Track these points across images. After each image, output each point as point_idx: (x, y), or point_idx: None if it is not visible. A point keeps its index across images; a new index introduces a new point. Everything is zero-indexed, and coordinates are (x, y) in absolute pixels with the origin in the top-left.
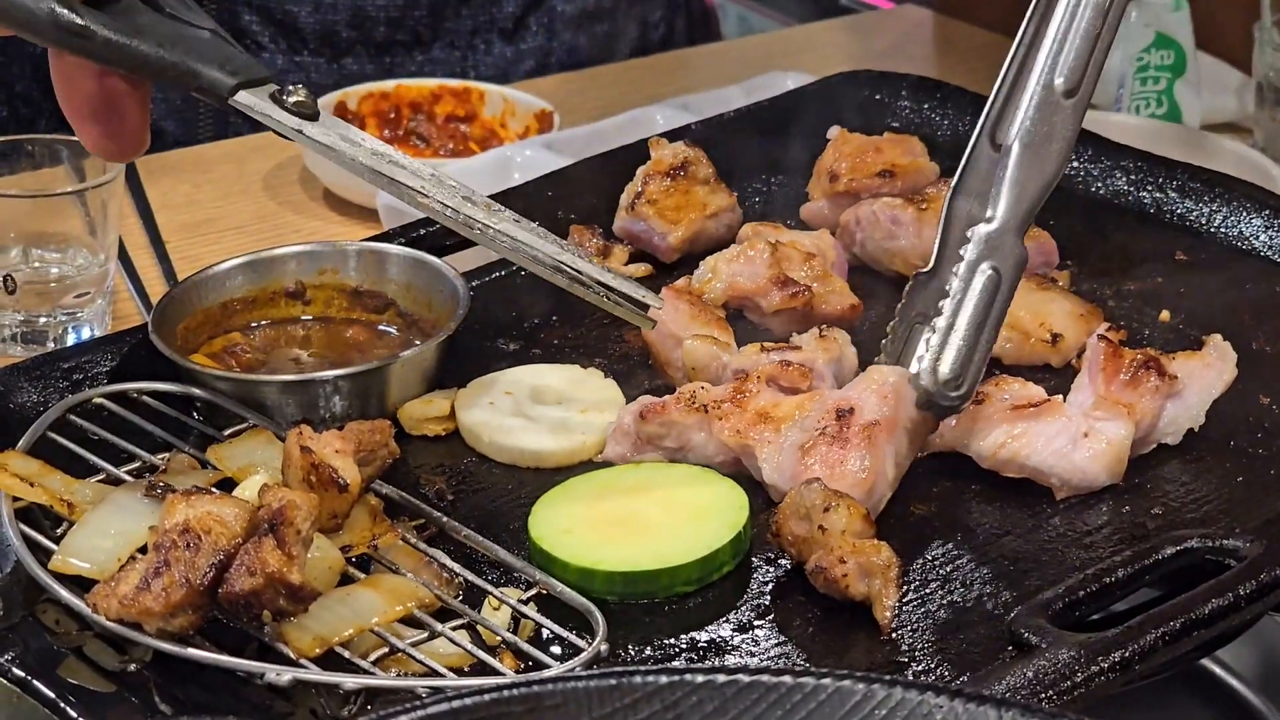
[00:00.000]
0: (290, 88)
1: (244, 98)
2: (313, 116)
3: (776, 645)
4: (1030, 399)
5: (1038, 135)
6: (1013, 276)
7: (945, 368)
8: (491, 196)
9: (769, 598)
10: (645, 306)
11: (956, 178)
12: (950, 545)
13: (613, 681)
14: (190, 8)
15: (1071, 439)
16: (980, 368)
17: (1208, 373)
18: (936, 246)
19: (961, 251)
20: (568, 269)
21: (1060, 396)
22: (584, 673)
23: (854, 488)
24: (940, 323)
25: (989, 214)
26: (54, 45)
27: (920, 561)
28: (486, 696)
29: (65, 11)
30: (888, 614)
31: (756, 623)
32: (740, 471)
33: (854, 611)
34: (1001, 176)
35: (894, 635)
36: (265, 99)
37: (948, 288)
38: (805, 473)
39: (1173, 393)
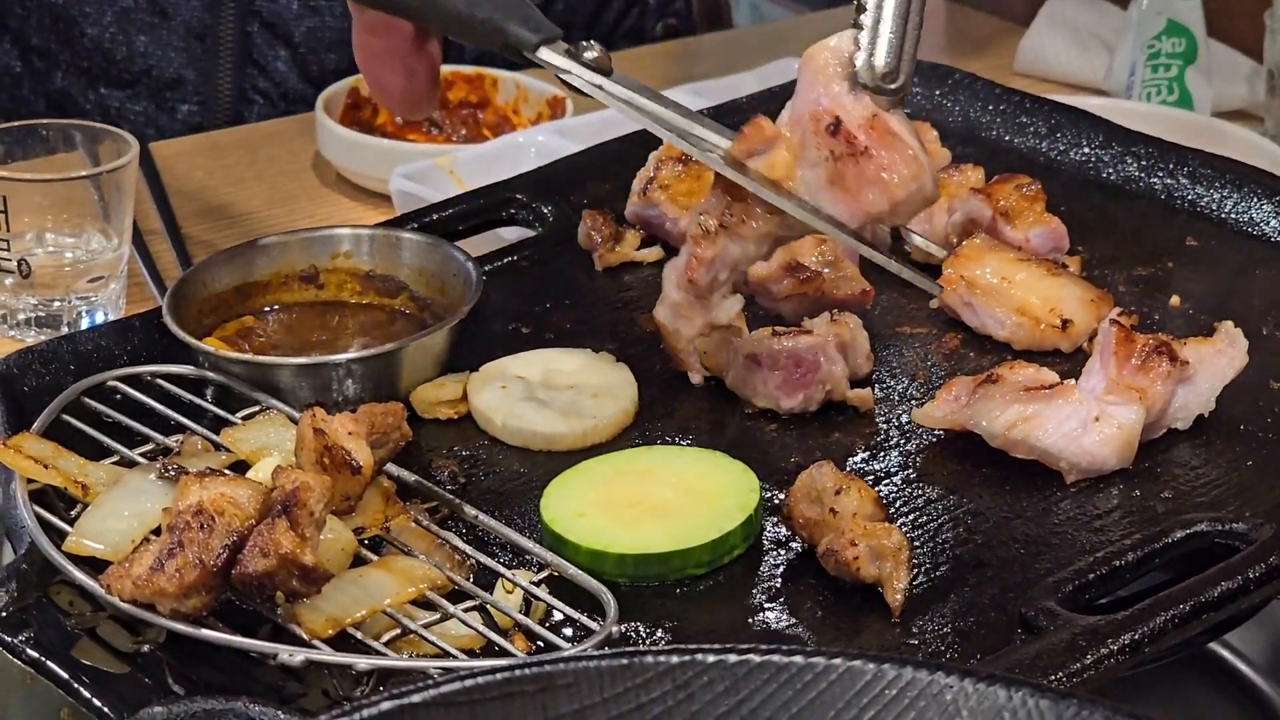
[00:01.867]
0: (585, 43)
1: (545, 54)
2: (607, 72)
3: (787, 627)
4: (1043, 382)
5: None
6: None
7: (879, 60)
8: (504, 182)
9: (780, 580)
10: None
11: None
12: (960, 528)
13: (624, 661)
14: None
15: (1082, 422)
16: (912, 58)
17: (1219, 359)
18: None
19: None
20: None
21: (1072, 380)
22: (595, 652)
23: (915, 179)
24: (867, 19)
25: None
26: (369, 2)
27: (931, 544)
28: (498, 676)
29: None
30: (898, 597)
31: (767, 605)
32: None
33: (865, 594)
34: None
35: (904, 618)
36: (563, 55)
37: None
38: (860, 199)
39: (1184, 378)
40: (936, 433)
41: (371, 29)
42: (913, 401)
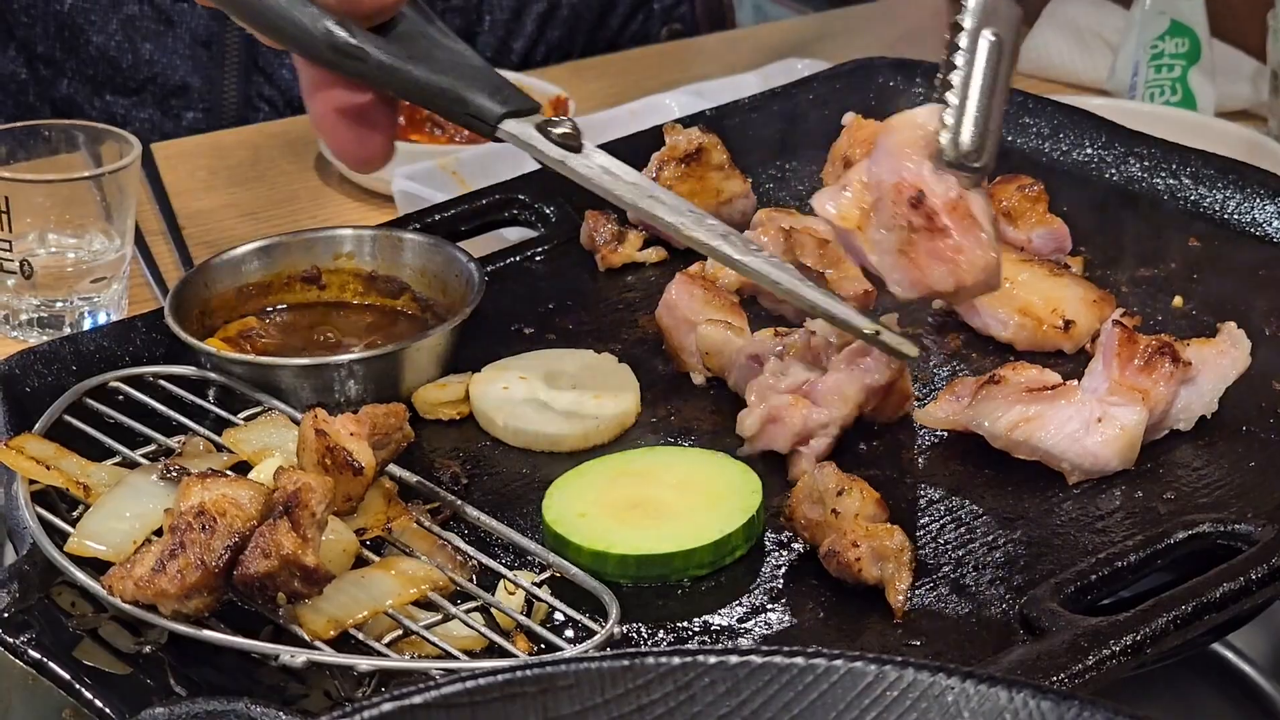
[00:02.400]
0: (556, 118)
1: (510, 126)
2: (576, 149)
3: (789, 628)
4: (1045, 383)
5: None
6: (1012, 37)
7: (965, 139)
8: (507, 182)
9: (782, 581)
10: (907, 356)
11: None
12: (962, 529)
13: (625, 662)
14: (458, 40)
15: (1084, 423)
16: (997, 134)
17: (1221, 360)
18: None
19: (960, 20)
20: (825, 308)
21: (1075, 381)
22: (597, 654)
23: (985, 269)
24: (953, 96)
25: None
26: (327, 66)
27: (933, 545)
28: (500, 677)
29: (341, 33)
30: (900, 598)
31: (769, 606)
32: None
33: (866, 595)
34: None
35: (906, 619)
36: (531, 129)
37: (954, 59)
38: (927, 273)
39: (1186, 379)
40: (939, 433)
41: (320, 85)
42: (915, 402)
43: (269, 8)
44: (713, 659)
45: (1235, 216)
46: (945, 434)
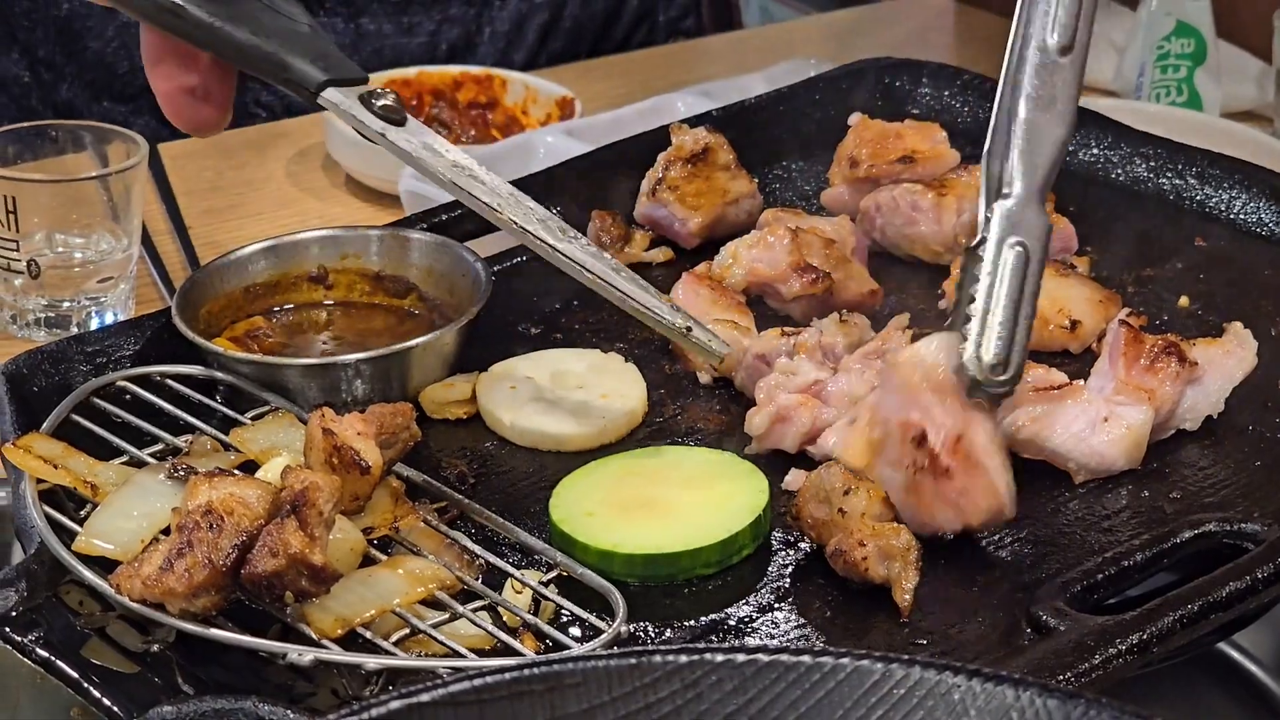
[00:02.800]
0: (380, 90)
1: (331, 94)
2: (399, 122)
3: (796, 627)
4: (1051, 382)
5: (1041, 98)
6: (1040, 249)
7: (989, 353)
8: (513, 182)
9: (788, 580)
10: (716, 355)
11: (988, 143)
12: None
13: (632, 660)
14: (293, 3)
15: (1091, 423)
16: (1024, 348)
17: (1228, 360)
18: (981, 215)
19: (984, 233)
20: (635, 302)
21: (1081, 381)
22: (604, 652)
23: (990, 511)
24: (977, 308)
25: (1005, 189)
26: (146, 20)
27: (939, 545)
28: (507, 675)
29: None
30: (907, 597)
31: (776, 605)
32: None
33: (873, 594)
34: (1012, 145)
35: (913, 618)
36: (354, 99)
37: (977, 271)
38: (935, 514)
39: (1193, 379)
40: None
41: (158, 48)
42: None
43: None
44: (720, 657)
45: (1241, 217)
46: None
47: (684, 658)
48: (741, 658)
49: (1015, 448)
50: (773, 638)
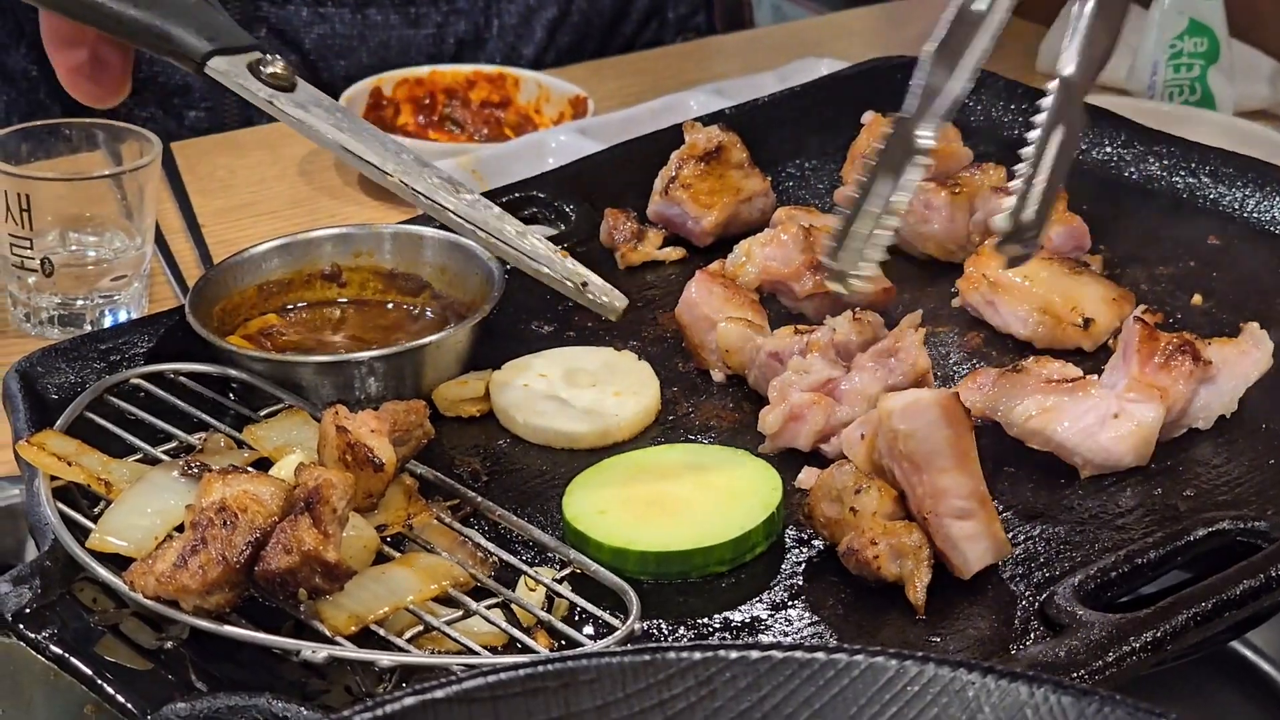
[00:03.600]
0: (268, 58)
1: (217, 64)
2: (289, 88)
3: (810, 625)
4: (1066, 376)
5: (1105, 6)
6: (1076, 138)
7: (1028, 214)
8: (525, 181)
9: (802, 578)
10: (613, 309)
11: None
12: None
13: (646, 657)
14: None
15: (1100, 418)
16: (1048, 218)
17: (1243, 360)
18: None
19: (1040, 104)
20: (531, 259)
21: (1095, 376)
22: (619, 649)
23: (972, 564)
24: (1023, 169)
25: (1068, 69)
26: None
27: None
28: (521, 672)
29: None
30: (920, 594)
31: (790, 602)
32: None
33: (886, 592)
34: (1079, 29)
35: (927, 615)
36: (241, 67)
37: (1028, 138)
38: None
39: (1206, 378)
40: None
41: (53, 21)
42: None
43: None
44: (734, 654)
45: (1254, 215)
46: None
47: (698, 654)
48: (755, 654)
49: (1023, 437)
50: (786, 635)
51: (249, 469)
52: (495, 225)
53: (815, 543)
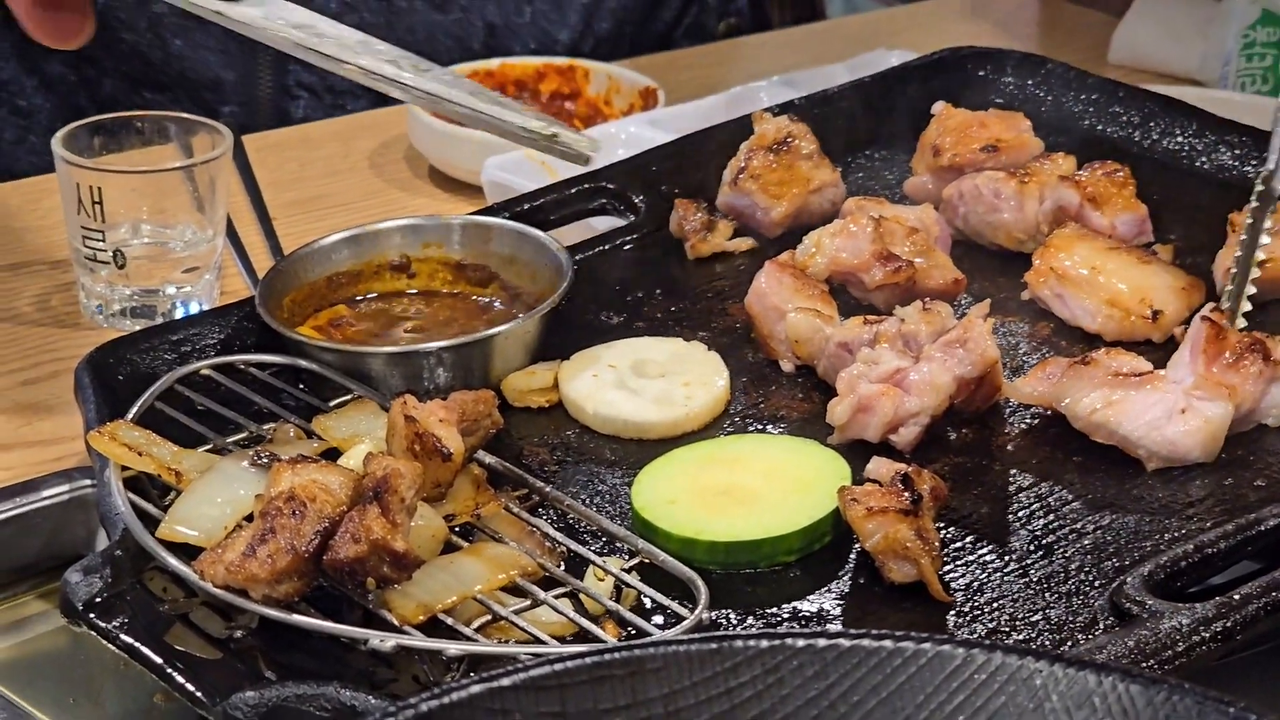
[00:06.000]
0: None
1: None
2: None
3: (876, 614)
4: (1135, 369)
5: None
6: None
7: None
8: (595, 171)
9: (870, 568)
10: (584, 157)
11: None
12: (1051, 516)
13: (714, 645)
14: None
15: (1167, 412)
16: None
17: None
18: None
19: None
20: (498, 119)
21: (1163, 370)
22: (686, 637)
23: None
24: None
25: None
26: None
27: (1023, 532)
28: (588, 660)
29: None
30: (939, 589)
31: (857, 592)
32: None
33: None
34: None
35: (998, 604)
36: None
37: None
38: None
39: (1276, 377)
40: (1028, 420)
41: None
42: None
43: None
44: (801, 642)
45: None
46: (1034, 421)
47: (765, 643)
48: (823, 643)
49: (1088, 430)
50: (854, 624)
51: (318, 459)
52: (459, 95)
53: None
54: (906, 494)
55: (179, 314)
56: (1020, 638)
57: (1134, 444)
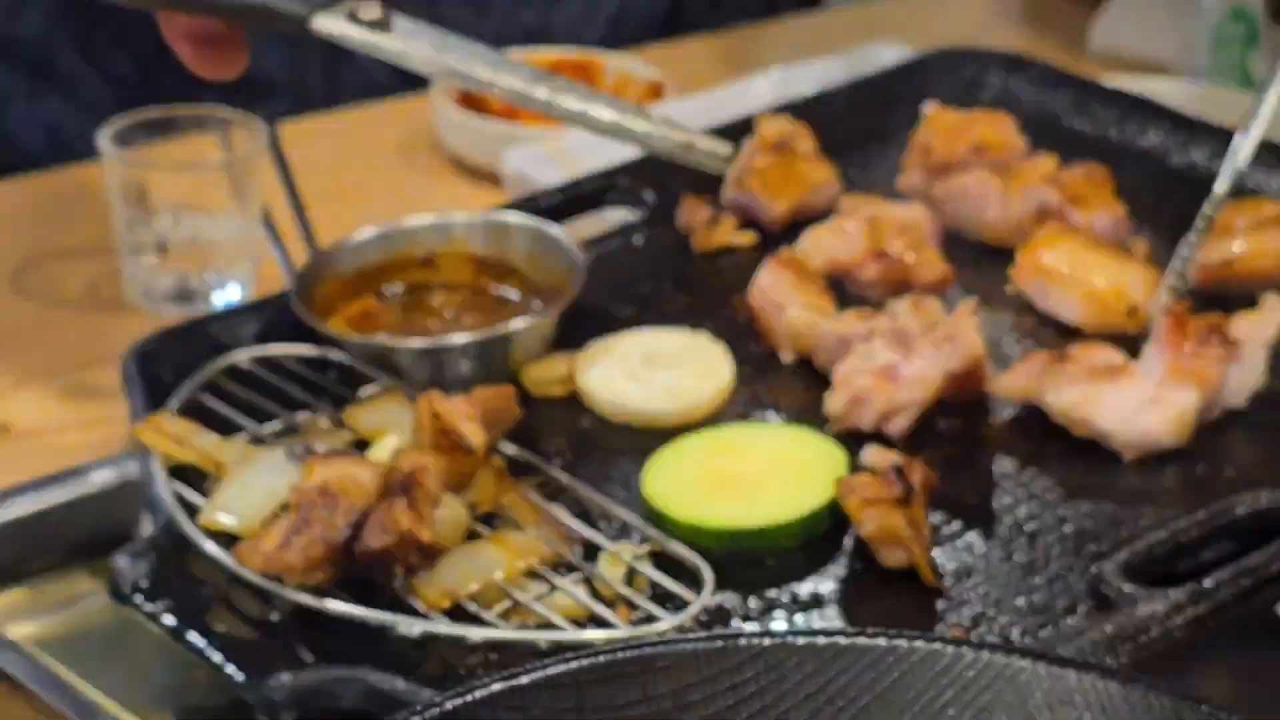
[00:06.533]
0: (364, 4)
1: (322, 23)
2: (386, 27)
3: (872, 599)
4: (1110, 364)
5: None
6: None
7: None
8: (604, 172)
9: (865, 552)
10: (721, 155)
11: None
12: (1035, 503)
13: (720, 644)
14: None
15: (1139, 405)
16: None
17: (1264, 329)
18: None
19: None
20: (651, 139)
21: (1135, 362)
22: (693, 635)
23: None
24: None
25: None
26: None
27: (1007, 519)
28: (602, 659)
29: None
30: (929, 574)
31: (854, 577)
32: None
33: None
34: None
35: (983, 588)
36: (341, 20)
37: None
38: None
39: (1233, 358)
40: (1012, 411)
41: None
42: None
43: None
44: (801, 640)
45: None
46: (1018, 412)
47: (767, 640)
48: (822, 641)
49: (1068, 425)
50: (851, 608)
51: (350, 451)
52: (611, 116)
53: None
54: (899, 484)
55: (220, 301)
56: (1005, 620)
57: (1110, 437)
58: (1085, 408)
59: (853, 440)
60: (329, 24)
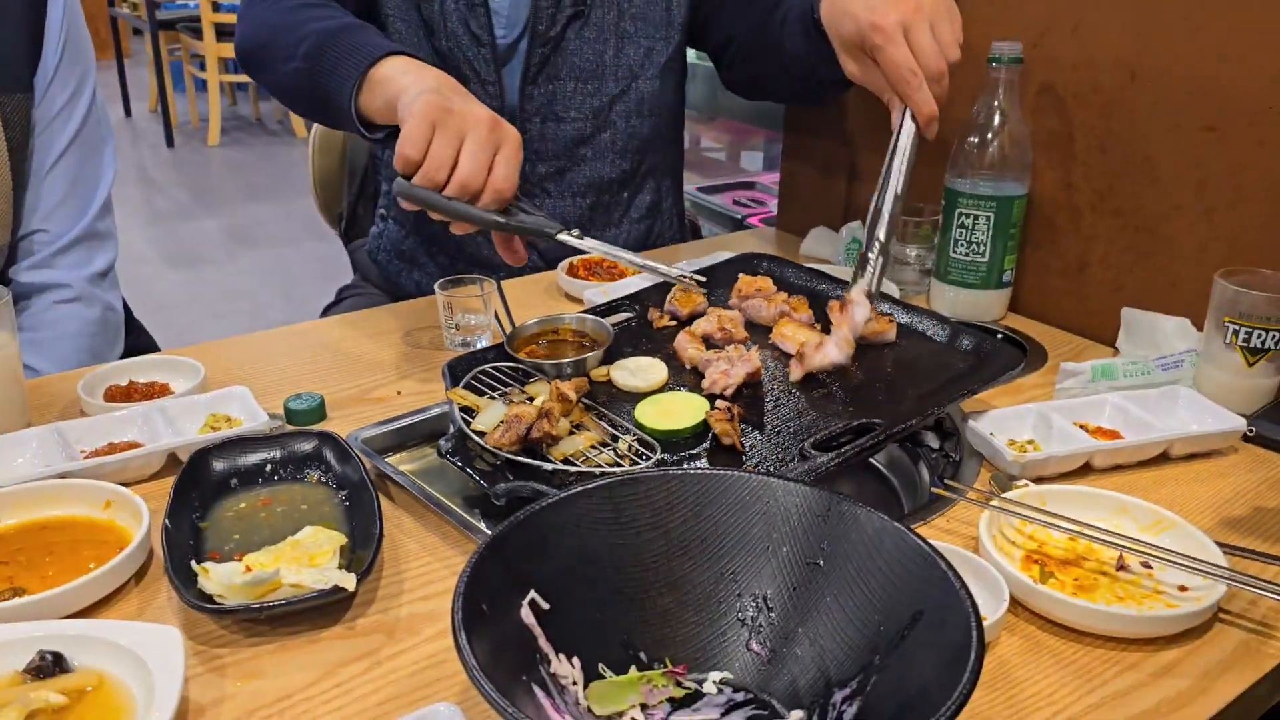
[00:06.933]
0: (574, 230)
1: (562, 236)
2: (581, 238)
3: (718, 458)
4: (821, 340)
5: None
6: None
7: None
8: (622, 297)
9: (716, 439)
10: (700, 291)
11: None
12: (783, 416)
13: (662, 473)
14: (527, 200)
15: (826, 350)
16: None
17: (855, 311)
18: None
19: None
20: (653, 268)
21: (829, 335)
22: (653, 471)
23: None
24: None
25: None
26: (485, 227)
27: (770, 423)
28: (619, 479)
29: (489, 215)
30: (739, 446)
31: (715, 451)
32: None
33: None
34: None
35: (760, 452)
36: (567, 235)
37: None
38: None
39: (833, 341)
40: (773, 385)
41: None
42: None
43: (453, 209)
44: (676, 472)
45: None
46: (783, 380)
47: (678, 472)
48: (678, 472)
49: (809, 369)
50: (711, 459)
51: (525, 400)
52: (665, 270)
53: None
54: (729, 413)
55: (479, 345)
56: (769, 465)
57: (822, 368)
58: (814, 357)
59: (711, 398)
60: (568, 238)
